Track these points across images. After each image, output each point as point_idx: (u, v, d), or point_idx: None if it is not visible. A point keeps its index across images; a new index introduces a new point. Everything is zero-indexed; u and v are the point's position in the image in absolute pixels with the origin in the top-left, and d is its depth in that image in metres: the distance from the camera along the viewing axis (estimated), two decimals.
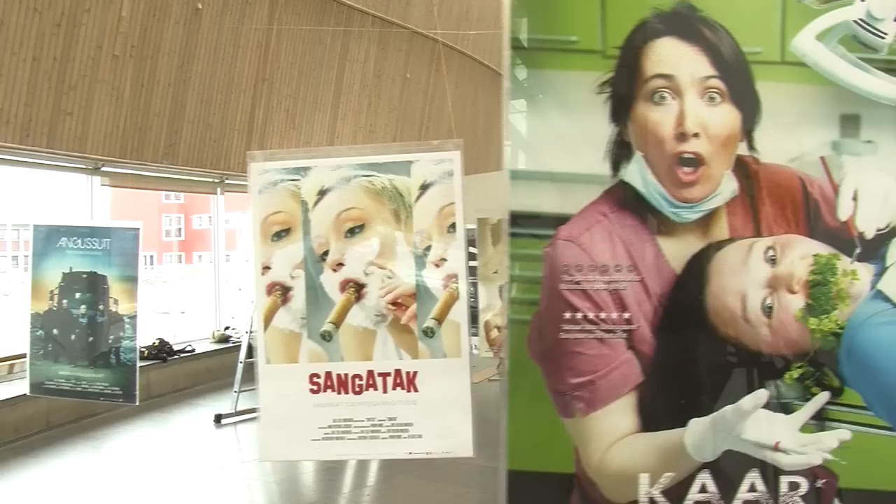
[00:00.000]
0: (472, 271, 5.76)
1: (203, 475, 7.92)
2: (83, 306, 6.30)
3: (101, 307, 6.29)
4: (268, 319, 3.77)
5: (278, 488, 7.87)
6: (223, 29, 12.42)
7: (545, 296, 2.36)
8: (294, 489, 7.78)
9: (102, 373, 6.28)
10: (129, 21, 10.81)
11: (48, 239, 6.45)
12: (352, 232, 3.78)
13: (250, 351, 10.19)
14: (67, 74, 10.04)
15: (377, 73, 15.99)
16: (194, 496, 7.19)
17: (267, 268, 3.76)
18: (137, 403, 6.22)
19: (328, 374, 3.71)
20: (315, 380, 3.71)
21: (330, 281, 3.80)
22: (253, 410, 10.01)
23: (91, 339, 6.34)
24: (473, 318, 6.48)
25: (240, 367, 10.05)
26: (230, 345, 12.67)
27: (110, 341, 6.25)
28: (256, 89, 13.27)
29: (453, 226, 3.77)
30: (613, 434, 2.32)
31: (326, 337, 3.75)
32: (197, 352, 12.22)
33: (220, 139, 12.81)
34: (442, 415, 3.84)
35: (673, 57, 2.32)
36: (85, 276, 6.29)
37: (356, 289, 3.82)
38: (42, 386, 6.64)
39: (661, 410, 2.32)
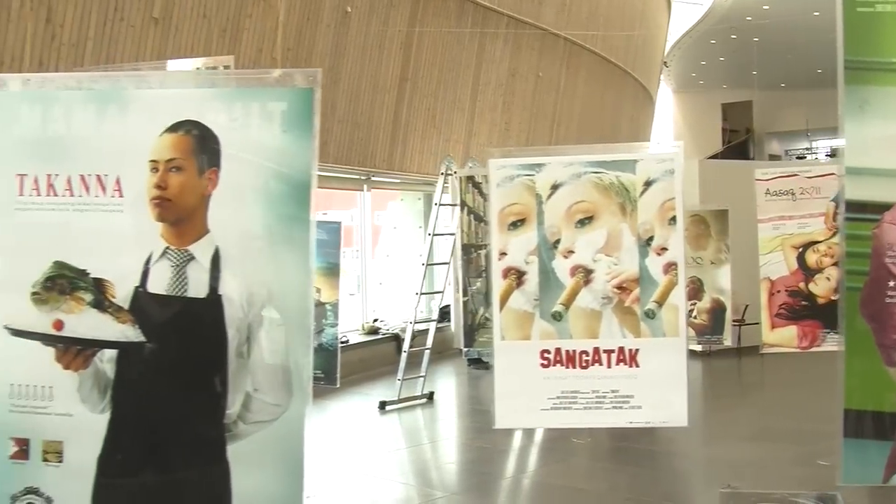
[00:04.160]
0: None
1: (375, 458, 8.35)
2: None
3: None
4: (503, 300, 4.17)
5: (453, 469, 8.32)
6: (369, 31, 12.90)
7: (873, 268, 2.87)
8: (464, 470, 8.17)
9: None
10: (285, 25, 11.37)
11: None
12: (582, 223, 4.17)
13: (412, 340, 10.66)
14: None
15: (511, 72, 16.31)
16: (371, 477, 7.62)
17: (503, 254, 4.18)
18: (338, 385, 6.70)
19: (558, 350, 4.10)
20: (545, 355, 4.11)
21: (561, 266, 4.20)
22: (415, 398, 10.46)
23: None
24: None
25: (403, 356, 10.46)
26: (379, 336, 13.18)
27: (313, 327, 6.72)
28: (400, 89, 13.73)
29: (673, 219, 4.14)
30: None
31: (557, 317, 4.14)
32: (350, 343, 12.62)
33: (367, 137, 13.28)
34: (660, 388, 4.19)
35: None
36: None
37: (585, 274, 4.20)
38: None
39: None
